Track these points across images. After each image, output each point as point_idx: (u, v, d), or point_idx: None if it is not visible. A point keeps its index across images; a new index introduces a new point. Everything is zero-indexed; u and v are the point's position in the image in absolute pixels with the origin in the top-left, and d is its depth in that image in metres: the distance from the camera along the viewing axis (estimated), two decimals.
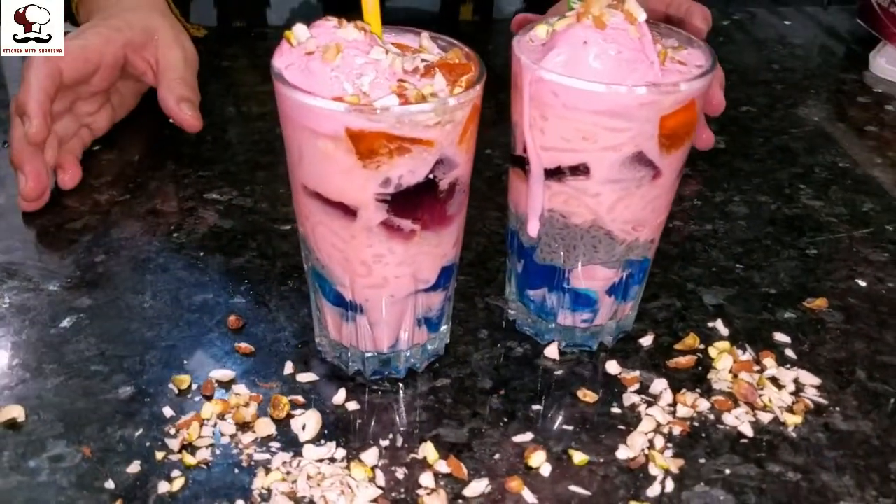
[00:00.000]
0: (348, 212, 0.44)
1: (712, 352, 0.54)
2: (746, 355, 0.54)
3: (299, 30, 0.43)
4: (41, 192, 0.64)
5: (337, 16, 0.43)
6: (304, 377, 0.51)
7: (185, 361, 0.52)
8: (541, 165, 0.47)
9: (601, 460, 0.47)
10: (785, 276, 0.63)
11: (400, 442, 0.47)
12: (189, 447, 0.46)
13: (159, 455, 0.45)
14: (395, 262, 0.46)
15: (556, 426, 0.49)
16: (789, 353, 0.55)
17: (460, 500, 0.44)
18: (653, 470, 0.46)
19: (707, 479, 0.46)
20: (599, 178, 0.46)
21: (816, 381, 0.52)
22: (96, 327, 0.55)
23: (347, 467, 0.45)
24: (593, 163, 0.46)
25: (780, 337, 0.56)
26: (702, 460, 0.47)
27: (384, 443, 0.47)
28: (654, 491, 0.45)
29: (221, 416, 0.48)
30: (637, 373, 0.52)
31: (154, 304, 0.57)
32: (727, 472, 0.46)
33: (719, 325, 0.57)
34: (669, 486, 0.45)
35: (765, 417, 0.50)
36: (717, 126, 0.84)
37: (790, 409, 0.50)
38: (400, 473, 0.45)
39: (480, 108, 0.45)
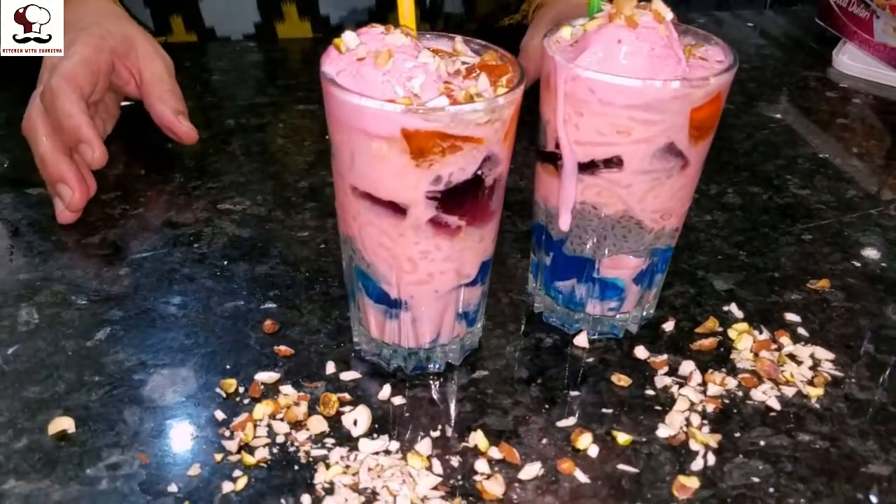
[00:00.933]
0: (398, 210, 0.45)
1: (732, 333, 0.57)
2: (764, 335, 0.57)
3: (348, 37, 0.45)
4: (86, 200, 0.65)
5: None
6: (347, 375, 0.52)
7: (228, 366, 0.53)
8: (574, 160, 0.50)
9: (644, 439, 0.49)
10: (786, 260, 0.66)
11: (449, 432, 0.49)
12: (246, 447, 0.47)
13: (218, 457, 0.46)
14: (441, 258, 0.48)
15: (594, 410, 0.51)
16: (801, 331, 0.58)
17: (516, 484, 0.46)
18: (693, 446, 0.48)
19: (745, 451, 0.48)
20: (632, 169, 0.49)
21: (830, 355, 0.55)
22: (132, 338, 0.55)
23: (404, 458, 0.46)
24: (626, 155, 0.48)
25: (791, 317, 0.59)
26: (737, 434, 0.49)
27: (434, 434, 0.49)
28: (697, 465, 0.47)
29: (273, 416, 0.49)
30: (665, 356, 0.55)
31: (186, 313, 0.58)
32: (762, 443, 0.49)
33: (734, 308, 0.60)
34: (711, 459, 0.47)
35: (789, 391, 0.52)
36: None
37: (811, 383, 0.53)
38: (455, 461, 0.47)
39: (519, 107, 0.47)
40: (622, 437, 0.48)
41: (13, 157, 0.76)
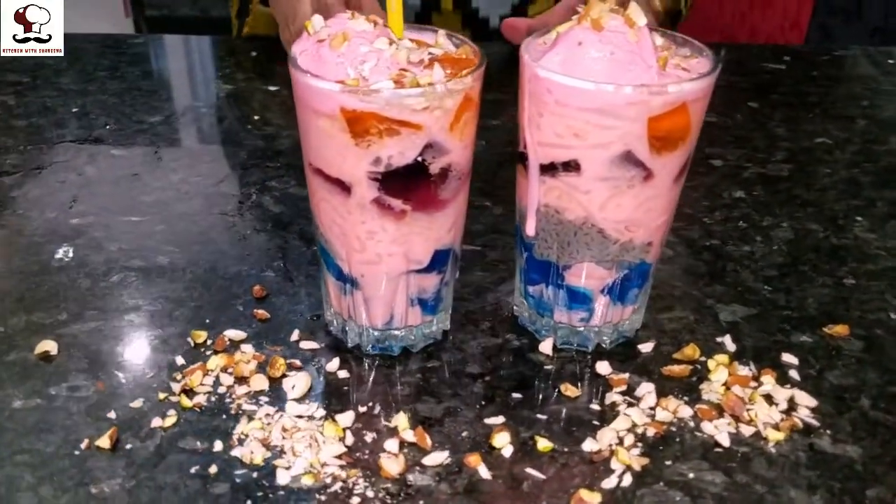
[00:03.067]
0: (344, 188, 0.47)
1: (710, 364, 0.54)
2: (746, 371, 0.53)
3: (316, 20, 0.47)
4: None
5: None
6: (307, 345, 0.55)
7: (207, 320, 0.57)
8: (537, 161, 0.49)
9: (565, 450, 0.48)
10: (813, 301, 0.61)
11: (377, 410, 0.50)
12: (189, 392, 0.50)
13: (161, 395, 0.50)
14: (388, 239, 0.49)
15: (530, 414, 0.50)
16: (793, 374, 0.54)
17: (418, 468, 0.46)
18: (614, 464, 0.46)
19: (668, 479, 0.46)
20: (590, 175, 0.48)
21: (813, 402, 0.51)
22: (140, 284, 0.61)
23: (322, 425, 0.48)
24: (584, 159, 0.47)
25: (788, 358, 0.55)
26: (668, 462, 0.47)
27: (362, 409, 0.50)
28: (609, 483, 0.45)
29: (224, 370, 0.52)
30: (626, 375, 0.53)
31: (195, 270, 0.62)
32: (691, 475, 0.46)
33: (727, 340, 0.56)
34: (627, 480, 0.46)
35: (746, 431, 0.49)
36: (786, 153, 0.82)
37: (776, 427, 0.49)
38: (369, 437, 0.48)
39: (478, 100, 0.48)
40: (543, 444, 0.48)
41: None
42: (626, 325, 0.56)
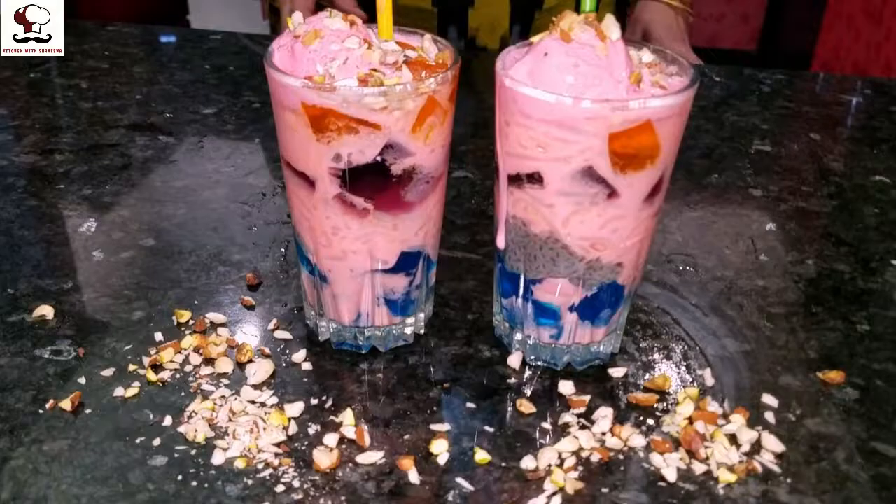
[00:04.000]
0: (309, 182, 0.48)
1: (680, 396, 0.52)
2: (716, 408, 0.51)
3: (296, 17, 0.49)
4: None
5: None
6: (281, 335, 0.56)
7: (196, 301, 0.59)
8: (505, 171, 0.49)
9: (502, 464, 0.47)
10: (815, 343, 0.58)
11: (329, 404, 0.51)
12: (157, 367, 0.53)
13: (131, 368, 0.53)
14: (352, 236, 0.50)
15: (477, 425, 0.49)
16: (769, 416, 0.51)
17: (350, 465, 0.46)
18: (547, 485, 0.45)
19: None
20: (553, 188, 0.47)
21: (780, 448, 0.48)
22: (147, 263, 0.64)
23: (269, 413, 0.49)
24: (546, 172, 0.47)
25: (768, 399, 0.52)
26: (604, 490, 0.45)
27: (314, 401, 0.51)
28: (536, 503, 0.44)
29: (196, 350, 0.54)
30: (587, 398, 0.52)
31: (200, 254, 0.65)
32: None
33: (707, 374, 0.54)
34: (555, 502, 0.44)
35: (698, 468, 0.47)
36: (834, 189, 0.78)
37: (731, 468, 0.47)
38: (312, 430, 0.49)
39: (448, 106, 0.48)
40: (480, 455, 0.47)
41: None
42: (599, 348, 0.54)
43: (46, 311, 0.57)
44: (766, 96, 1.00)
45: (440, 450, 0.47)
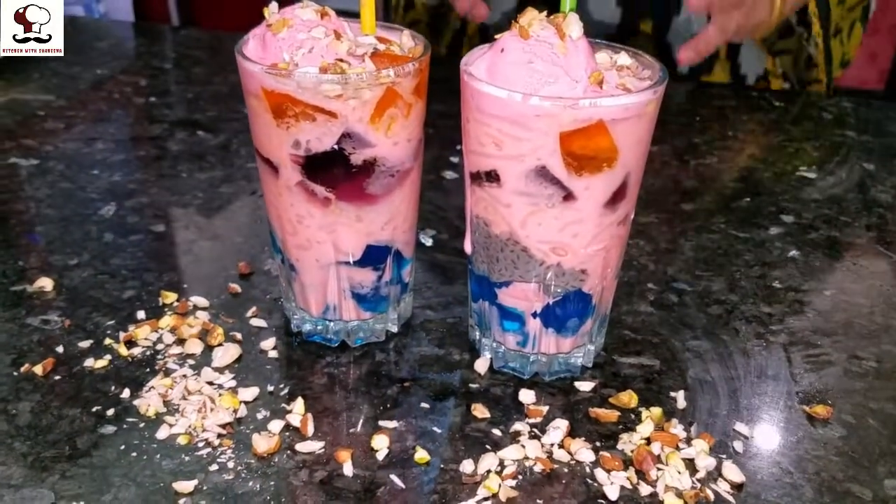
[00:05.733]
0: (273, 168, 0.49)
1: (643, 415, 0.49)
2: (680, 431, 0.48)
3: (272, 6, 0.50)
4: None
5: None
6: (257, 322, 0.57)
7: (186, 285, 0.61)
8: (468, 168, 0.48)
9: (441, 466, 0.46)
10: (810, 376, 0.54)
11: (284, 392, 0.51)
12: (130, 343, 0.54)
13: (107, 342, 0.54)
14: (315, 225, 0.50)
15: (427, 425, 0.49)
16: (736, 445, 0.48)
17: (288, 451, 0.46)
18: (480, 490, 0.44)
19: None
20: (509, 188, 0.46)
21: (740, 479, 0.45)
22: (151, 247, 0.66)
23: (222, 394, 0.50)
24: (501, 170, 0.46)
25: (741, 427, 0.49)
26: (539, 500, 0.44)
27: (270, 388, 0.51)
28: None
29: (172, 330, 0.56)
30: (545, 408, 0.50)
31: (201, 240, 0.67)
32: None
33: (679, 396, 0.51)
34: None
35: (644, 490, 0.45)
36: (875, 221, 0.74)
37: (679, 493, 0.44)
38: (261, 415, 0.49)
39: (412, 99, 0.48)
40: (420, 455, 0.46)
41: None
42: (570, 360, 0.52)
43: (46, 283, 0.60)
44: (824, 123, 0.95)
45: (381, 445, 0.47)
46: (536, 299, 0.49)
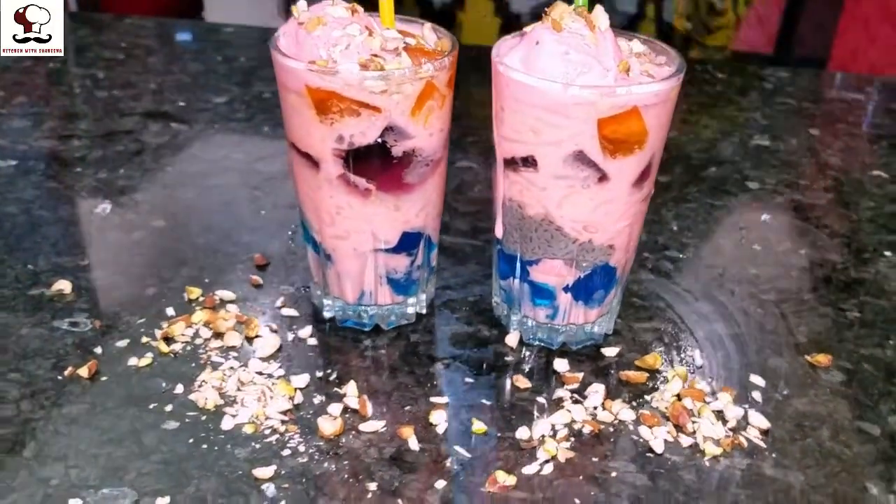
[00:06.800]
0: (314, 162, 0.51)
1: (669, 374, 0.54)
2: (704, 385, 0.53)
3: (301, 4, 0.51)
4: None
5: None
6: (288, 312, 0.58)
7: (207, 280, 0.62)
8: (501, 155, 0.51)
9: (498, 434, 0.49)
10: (805, 329, 0.60)
11: (333, 376, 0.53)
12: (168, 339, 0.55)
13: (144, 339, 0.55)
14: (354, 216, 0.52)
15: (475, 398, 0.52)
16: (756, 395, 0.53)
17: (353, 432, 0.49)
18: (540, 453, 0.47)
19: (588, 475, 0.46)
20: (546, 172, 0.49)
21: (766, 425, 0.50)
22: (158, 244, 0.66)
23: (276, 383, 0.51)
24: (539, 156, 0.49)
25: (756, 379, 0.54)
26: (594, 459, 0.48)
27: (318, 374, 0.53)
28: (529, 469, 0.46)
29: (206, 324, 0.57)
30: (581, 374, 0.54)
31: (209, 235, 0.67)
32: (613, 474, 0.47)
33: (696, 355, 0.56)
34: (548, 469, 0.47)
35: (685, 441, 0.49)
36: (831, 182, 0.80)
37: (717, 442, 0.49)
38: (317, 399, 0.51)
39: (446, 91, 0.50)
40: (477, 426, 0.49)
41: None
42: (593, 329, 0.56)
43: (64, 285, 0.60)
44: (767, 93, 1.01)
45: (439, 420, 0.49)
46: (568, 275, 0.53)
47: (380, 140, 0.49)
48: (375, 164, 0.50)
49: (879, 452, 0.49)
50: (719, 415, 0.51)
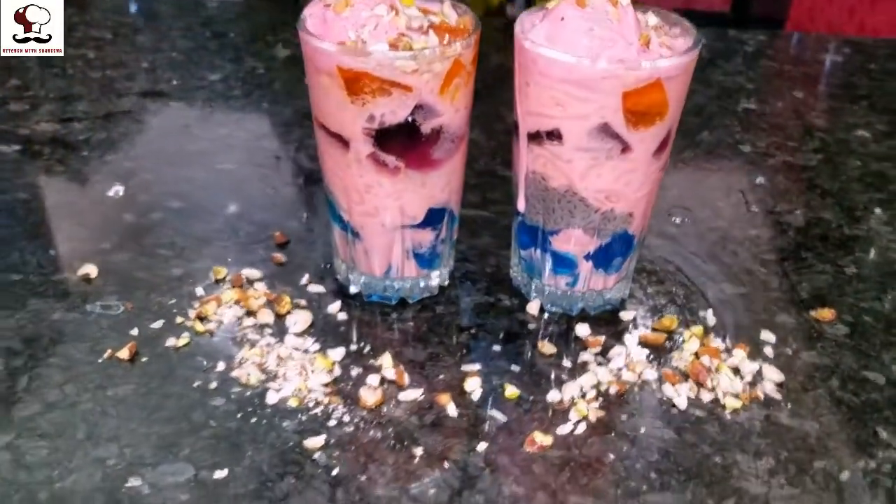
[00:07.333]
0: (343, 142, 0.52)
1: (686, 334, 0.56)
2: (719, 343, 0.56)
3: None
4: None
5: None
6: (314, 288, 0.60)
7: (229, 259, 0.63)
8: (525, 129, 0.53)
9: (531, 398, 0.51)
10: (807, 285, 0.63)
11: (367, 349, 0.55)
12: (203, 319, 0.56)
13: (179, 319, 0.56)
14: (384, 194, 0.53)
15: (504, 365, 0.54)
16: (768, 350, 0.56)
17: (393, 401, 0.51)
18: (572, 414, 0.50)
19: (621, 432, 0.49)
20: (571, 144, 0.51)
21: (780, 377, 0.53)
22: (178, 224, 0.67)
23: (314, 357, 0.53)
24: (565, 130, 0.51)
25: (766, 335, 0.57)
26: (623, 417, 0.50)
27: (353, 347, 0.55)
28: (563, 430, 0.49)
29: (237, 302, 0.58)
30: (603, 338, 0.56)
31: (228, 216, 0.68)
32: (642, 430, 0.49)
33: (709, 315, 0.59)
34: (581, 429, 0.49)
35: (706, 397, 0.52)
36: (818, 143, 0.83)
37: (736, 396, 0.52)
38: (355, 372, 0.53)
39: (471, 68, 0.52)
40: (510, 391, 0.52)
41: None
42: (610, 294, 0.59)
43: (90, 269, 0.61)
44: (749, 56, 1.04)
45: (473, 387, 0.52)
46: (589, 243, 0.55)
47: (409, 118, 0.50)
48: (404, 142, 0.51)
49: (885, 399, 0.52)
50: (736, 370, 0.54)
